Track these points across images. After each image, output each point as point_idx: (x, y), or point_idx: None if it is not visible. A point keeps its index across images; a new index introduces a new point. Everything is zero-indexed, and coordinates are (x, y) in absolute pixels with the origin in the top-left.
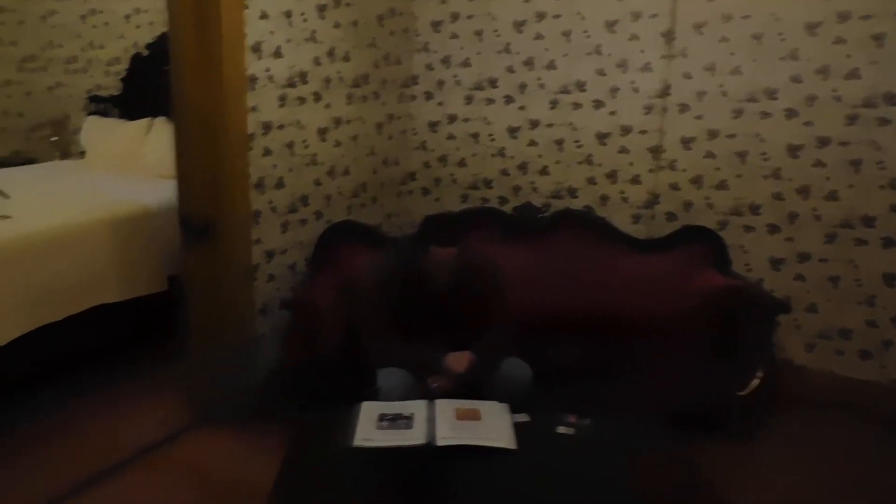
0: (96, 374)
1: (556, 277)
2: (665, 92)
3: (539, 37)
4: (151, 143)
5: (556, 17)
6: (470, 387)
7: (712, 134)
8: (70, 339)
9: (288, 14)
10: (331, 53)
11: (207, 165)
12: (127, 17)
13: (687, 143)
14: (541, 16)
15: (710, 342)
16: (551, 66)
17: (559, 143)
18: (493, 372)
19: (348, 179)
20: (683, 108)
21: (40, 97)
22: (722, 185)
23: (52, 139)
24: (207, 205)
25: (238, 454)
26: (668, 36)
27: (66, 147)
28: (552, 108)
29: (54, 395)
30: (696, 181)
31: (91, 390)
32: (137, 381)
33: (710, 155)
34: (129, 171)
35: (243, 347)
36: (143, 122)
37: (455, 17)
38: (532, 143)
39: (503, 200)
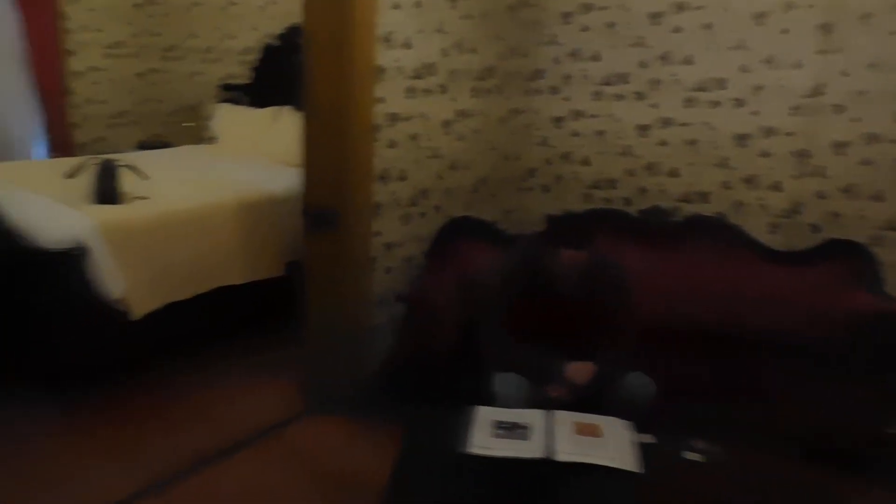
0: (215, 354)
1: (684, 287)
2: (818, 91)
3: (677, 30)
4: (278, 130)
5: (699, 8)
6: (589, 399)
7: (872, 138)
8: (193, 318)
9: (418, 4)
10: (458, 45)
11: (333, 155)
12: (261, 8)
13: (840, 147)
14: (681, 7)
15: (857, 370)
16: (688, 60)
17: (692, 143)
18: (615, 386)
19: (468, 174)
20: (838, 108)
21: (179, 85)
22: (878, 196)
23: (187, 124)
24: (331, 195)
25: (348, 444)
26: (826, 29)
27: (199, 132)
28: (687, 106)
29: (176, 370)
30: (848, 190)
31: (210, 369)
32: (253, 363)
33: (866, 162)
34: (255, 157)
35: (358, 338)
36: (271, 110)
37: (587, 7)
38: (662, 143)
39: (627, 202)
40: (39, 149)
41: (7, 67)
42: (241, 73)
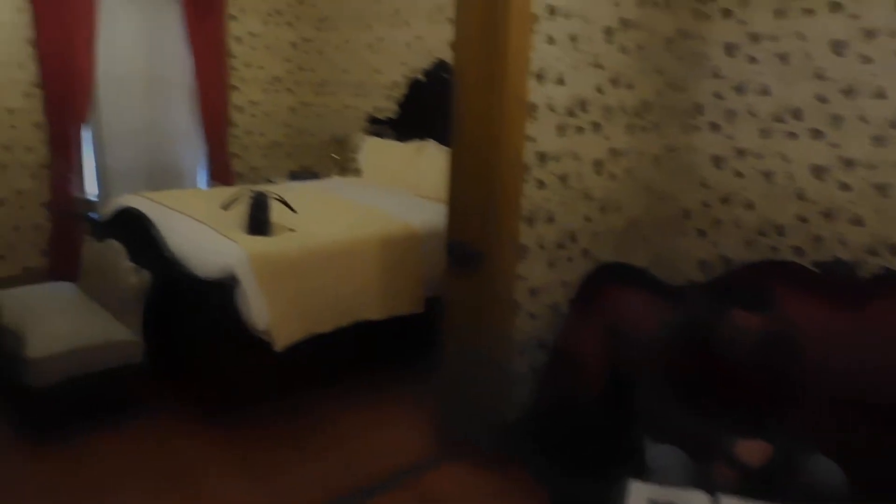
0: (353, 387)
1: (876, 355)
2: None
3: (866, 60)
4: (421, 165)
5: (892, 35)
6: (763, 484)
7: None
8: (333, 350)
9: (574, 38)
10: (614, 80)
11: (479, 194)
12: (408, 44)
13: None
14: (870, 34)
15: None
16: (880, 94)
17: (881, 188)
18: (794, 471)
19: (619, 216)
20: None
21: (329, 118)
22: None
23: (335, 156)
24: (475, 234)
25: (483, 494)
26: None
27: (345, 163)
28: (877, 145)
29: (314, 401)
30: None
31: (347, 403)
32: (389, 400)
33: None
34: (399, 190)
35: (497, 384)
36: (415, 144)
37: (755, 38)
38: (844, 187)
39: (798, 252)
40: (202, 176)
41: (180, 101)
42: (387, 106)
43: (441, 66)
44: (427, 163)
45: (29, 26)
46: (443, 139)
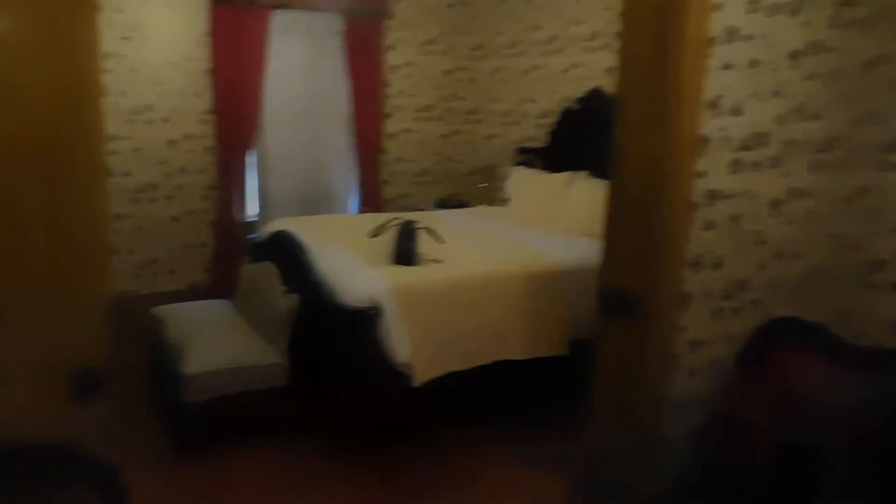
0: (487, 429)
1: None
2: None
3: None
4: (571, 197)
5: None
6: None
7: None
8: (469, 390)
9: (754, 64)
10: (798, 110)
11: (640, 234)
12: (564, 71)
13: None
14: None
15: None
16: None
17: None
18: None
19: (797, 264)
20: None
21: (478, 146)
22: None
23: (482, 185)
24: (633, 279)
25: None
26: None
27: (493, 193)
28: None
29: (446, 441)
30: None
31: (480, 445)
32: (524, 447)
33: None
34: (546, 223)
35: (648, 446)
36: (565, 175)
37: None
38: None
39: None
40: (353, 201)
41: (337, 129)
42: (537, 136)
43: (596, 94)
44: (577, 196)
45: (207, 59)
46: (596, 171)
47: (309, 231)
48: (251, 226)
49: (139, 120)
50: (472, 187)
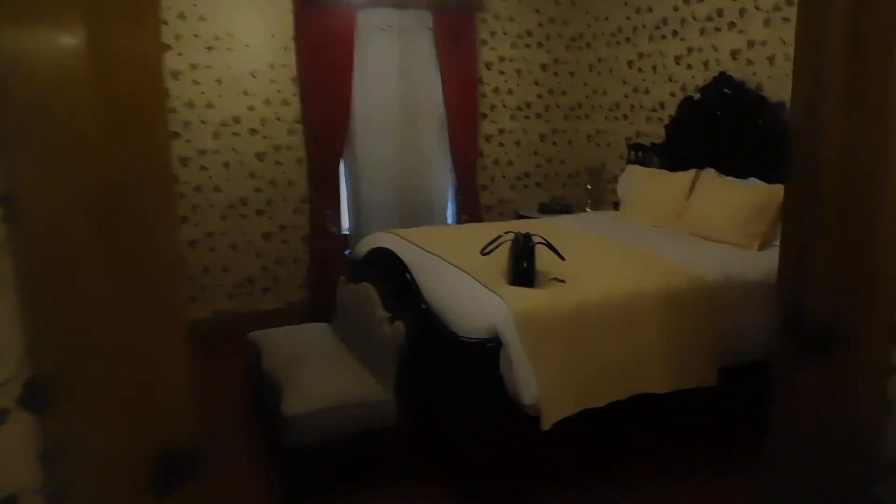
0: (630, 473)
1: None
2: None
3: None
4: (697, 198)
5: None
6: None
7: None
8: (604, 429)
9: None
10: None
11: (839, 251)
12: (677, 58)
13: None
14: None
15: None
16: None
17: None
18: None
19: None
20: None
21: (581, 145)
22: None
23: (588, 187)
24: (831, 302)
25: None
26: None
27: (599, 195)
28: None
29: (581, 489)
30: None
31: (626, 492)
32: (676, 493)
33: None
34: (669, 228)
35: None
36: (688, 174)
37: None
38: None
39: None
40: (450, 211)
41: (430, 132)
42: (651, 131)
43: (722, 80)
44: (704, 196)
45: (294, 65)
46: (725, 167)
47: (409, 247)
48: (345, 239)
49: (227, 133)
50: (576, 190)
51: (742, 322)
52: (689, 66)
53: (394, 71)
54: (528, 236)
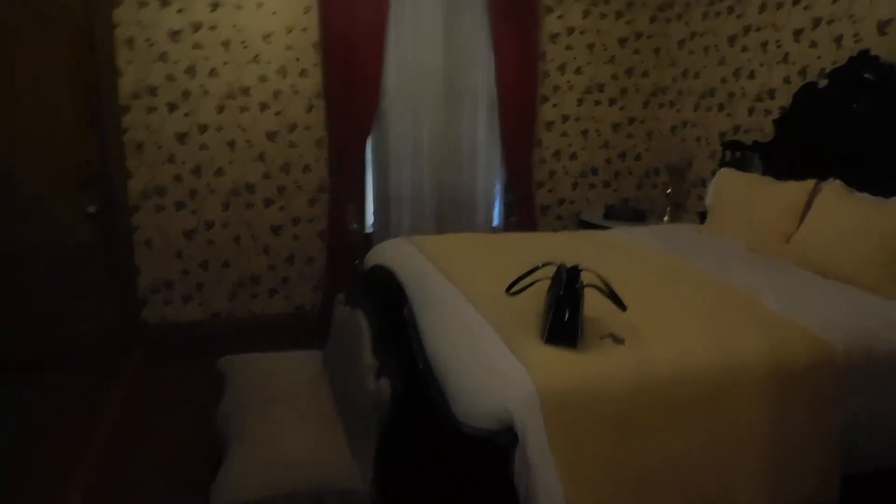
0: None
1: None
2: None
3: None
4: (815, 218)
5: None
6: None
7: None
8: None
9: None
10: None
11: None
12: (797, 32)
13: None
14: None
15: None
16: None
17: None
18: None
19: None
20: None
21: (664, 138)
22: None
23: (668, 191)
24: None
25: None
26: None
27: (681, 201)
28: None
29: None
30: None
31: None
32: None
33: None
34: (770, 255)
35: None
36: (803, 185)
37: None
38: None
39: None
40: (497, 210)
41: (478, 115)
42: (754, 125)
43: (863, 61)
44: (830, 217)
45: (315, 28)
46: (860, 180)
47: (423, 263)
48: (368, 239)
49: (233, 106)
50: (651, 193)
51: (879, 412)
52: (814, 44)
53: (437, 40)
54: (574, 272)
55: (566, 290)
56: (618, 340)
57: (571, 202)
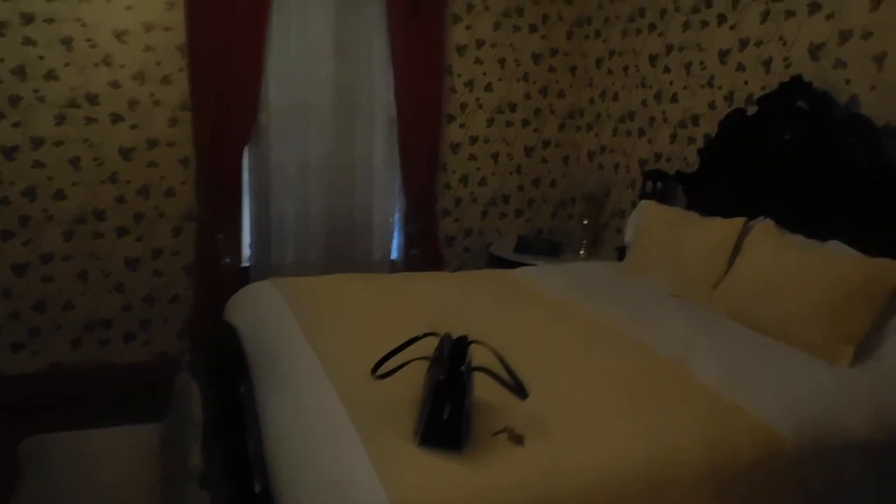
0: None
1: None
2: None
3: None
4: (746, 262)
5: None
6: None
7: None
8: None
9: None
10: None
11: None
12: (723, 54)
13: None
14: None
15: None
16: None
17: None
18: None
19: None
20: None
21: (578, 164)
22: None
23: (584, 222)
24: None
25: None
26: None
27: (599, 233)
28: None
29: None
30: None
31: None
32: None
33: None
34: (697, 303)
35: None
36: (732, 223)
37: None
38: None
39: None
40: (397, 241)
41: (376, 134)
42: (677, 153)
43: (795, 88)
44: (763, 262)
45: (182, 28)
46: (793, 220)
47: (287, 321)
48: (246, 273)
49: (76, 117)
50: (567, 223)
51: None
52: (741, 67)
53: (326, 47)
54: (461, 347)
55: (448, 374)
56: (516, 439)
57: (480, 232)
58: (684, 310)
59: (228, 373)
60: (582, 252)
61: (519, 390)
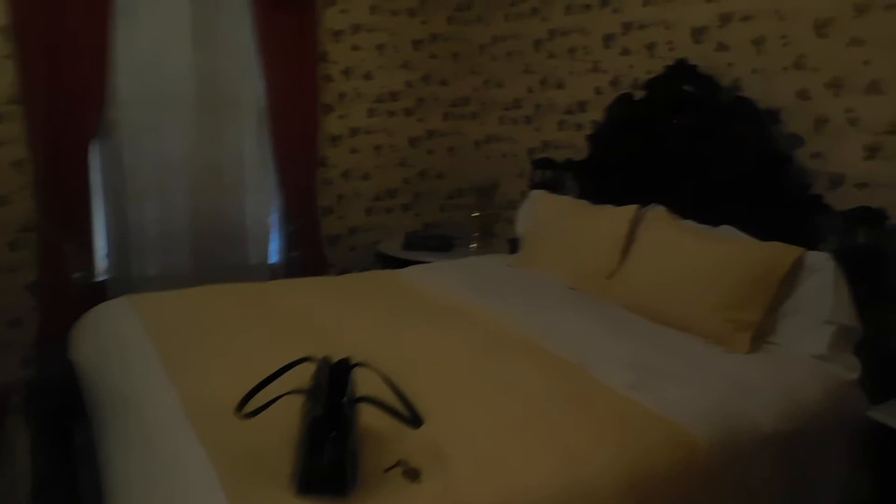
0: None
1: None
2: None
3: None
4: (640, 251)
5: None
6: None
7: None
8: None
9: None
10: None
11: None
12: (608, 38)
13: None
14: None
15: None
16: None
17: None
18: None
19: None
20: None
21: (467, 155)
22: None
23: (473, 214)
24: None
25: None
26: None
27: (489, 225)
28: None
29: None
30: None
31: None
32: None
33: None
34: (592, 294)
35: None
36: (624, 211)
37: None
38: None
39: None
40: (275, 242)
41: (244, 128)
42: (565, 141)
43: (680, 72)
44: (656, 250)
45: (4, 5)
46: (683, 205)
47: (140, 348)
48: (102, 289)
49: None
50: (456, 214)
51: None
52: (626, 52)
53: (182, 33)
54: (343, 374)
55: (327, 408)
56: (411, 474)
57: (367, 230)
58: (581, 304)
59: (63, 418)
60: (474, 246)
61: (412, 419)
